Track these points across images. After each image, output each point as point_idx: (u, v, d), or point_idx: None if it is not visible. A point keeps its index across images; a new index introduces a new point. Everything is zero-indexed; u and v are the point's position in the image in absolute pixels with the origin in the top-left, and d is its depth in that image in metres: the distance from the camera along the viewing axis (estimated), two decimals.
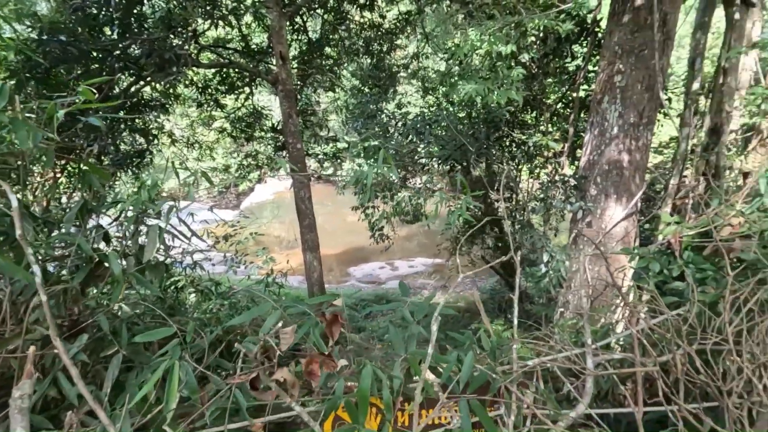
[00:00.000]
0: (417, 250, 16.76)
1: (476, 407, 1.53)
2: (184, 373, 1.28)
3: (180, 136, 9.57)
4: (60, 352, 1.25)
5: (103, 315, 1.77)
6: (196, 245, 4.44)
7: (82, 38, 5.20)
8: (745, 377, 1.32)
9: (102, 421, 1.15)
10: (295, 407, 1.26)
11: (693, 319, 1.50)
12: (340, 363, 1.32)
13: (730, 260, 1.76)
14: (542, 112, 6.85)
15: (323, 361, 1.29)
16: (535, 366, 1.61)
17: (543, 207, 5.61)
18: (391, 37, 10.53)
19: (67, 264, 1.79)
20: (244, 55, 8.81)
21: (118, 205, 1.87)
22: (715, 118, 4.92)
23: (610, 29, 4.67)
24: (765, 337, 1.33)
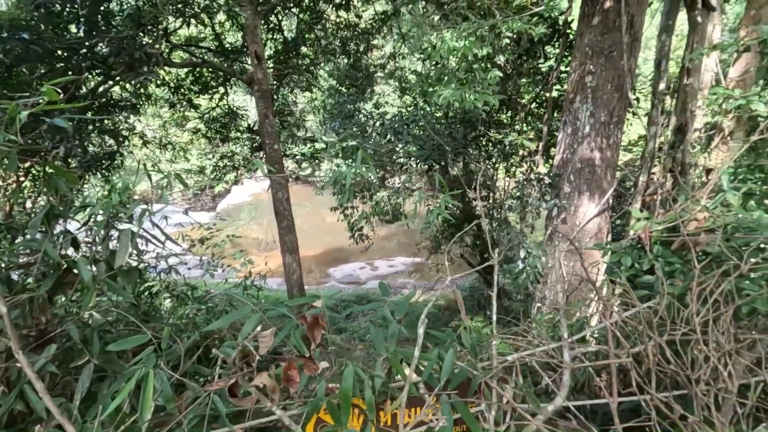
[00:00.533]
0: (397, 249, 16.81)
1: (458, 404, 1.55)
2: (159, 382, 1.24)
3: (152, 137, 9.30)
4: (23, 366, 1.20)
5: (72, 324, 1.71)
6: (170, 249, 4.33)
7: (46, 36, 4.98)
8: (711, 365, 1.38)
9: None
10: (276, 411, 1.24)
11: (663, 311, 1.56)
12: (322, 365, 1.31)
13: (696, 253, 1.83)
14: (517, 111, 6.97)
15: (304, 363, 1.28)
16: (514, 361, 1.63)
17: (519, 205, 5.72)
18: (367, 37, 10.53)
19: (33, 271, 1.71)
20: (217, 54, 8.64)
21: (87, 209, 1.80)
22: (680, 117, 5.12)
23: (580, 31, 4.80)
24: (729, 326, 1.40)
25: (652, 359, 1.44)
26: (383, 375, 1.41)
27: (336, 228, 13.68)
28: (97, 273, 1.82)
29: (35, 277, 1.77)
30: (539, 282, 4.89)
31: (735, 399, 1.43)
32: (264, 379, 1.16)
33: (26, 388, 1.60)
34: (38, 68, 5.61)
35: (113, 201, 1.79)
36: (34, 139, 5.71)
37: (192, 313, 3.76)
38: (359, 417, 1.64)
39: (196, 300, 3.63)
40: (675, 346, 1.52)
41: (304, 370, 1.27)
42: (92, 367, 1.75)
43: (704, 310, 1.41)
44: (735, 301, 1.42)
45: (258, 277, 4.45)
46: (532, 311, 5.50)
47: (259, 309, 1.55)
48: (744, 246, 1.60)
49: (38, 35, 4.88)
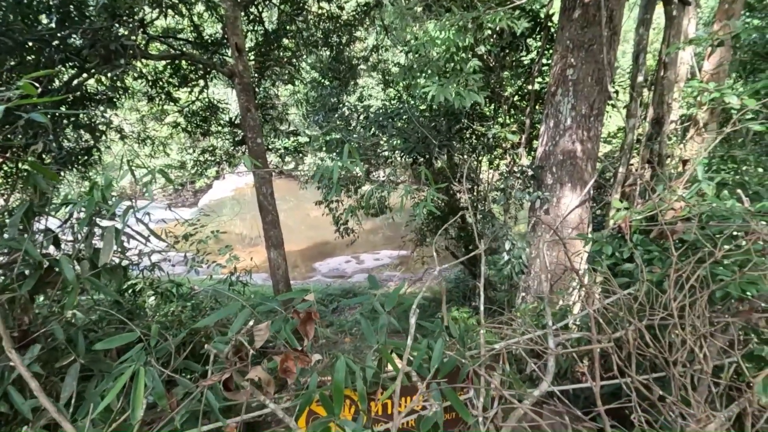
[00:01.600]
0: (382, 242, 16.85)
1: (448, 392, 1.58)
2: (150, 379, 1.23)
3: (130, 131, 9.07)
4: (17, 365, 1.18)
5: (56, 323, 1.68)
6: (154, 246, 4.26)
7: (16, 27, 4.79)
8: (687, 348, 1.44)
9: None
10: (269, 404, 1.25)
11: (642, 297, 1.62)
12: (314, 358, 1.32)
13: (674, 241, 1.90)
14: (500, 104, 7.04)
15: (297, 357, 1.29)
16: (501, 349, 1.68)
17: (503, 197, 5.80)
18: (349, 29, 10.44)
19: (14, 271, 1.67)
20: (196, 46, 8.44)
21: (68, 206, 1.76)
22: (657, 110, 5.26)
23: (561, 24, 4.86)
24: (704, 310, 1.46)
25: (632, 343, 1.49)
26: (374, 366, 1.43)
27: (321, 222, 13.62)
28: (81, 271, 1.79)
29: (16, 277, 1.72)
30: (523, 273, 4.99)
31: (710, 379, 1.51)
32: (258, 373, 1.16)
33: (10, 389, 1.57)
34: (7, 61, 5.39)
35: (96, 198, 1.75)
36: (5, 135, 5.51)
37: (177, 310, 3.72)
38: (350, 408, 1.67)
39: (181, 297, 3.59)
40: (653, 331, 1.58)
41: (297, 363, 1.28)
42: (78, 366, 1.72)
43: (681, 295, 1.47)
44: (710, 287, 1.48)
45: (243, 273, 4.42)
46: (517, 301, 5.61)
47: (248, 305, 1.55)
48: (718, 234, 1.67)
49: (7, 26, 4.69)
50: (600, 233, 2.21)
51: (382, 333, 1.51)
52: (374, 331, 1.51)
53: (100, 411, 1.17)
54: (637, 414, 1.29)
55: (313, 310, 1.33)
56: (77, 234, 1.91)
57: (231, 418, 1.60)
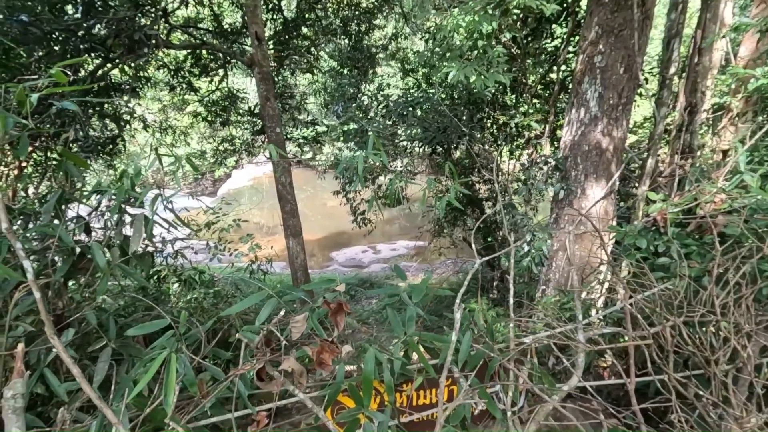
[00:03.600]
0: (398, 233, 16.84)
1: (476, 385, 1.56)
2: (181, 365, 1.25)
3: (152, 120, 9.21)
4: (59, 351, 1.20)
5: (89, 308, 1.71)
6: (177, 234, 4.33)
7: (44, 18, 4.87)
8: (730, 346, 1.38)
9: (108, 417, 1.12)
10: (299, 395, 1.25)
11: (681, 292, 1.55)
12: (345, 349, 1.31)
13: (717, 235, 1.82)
14: (523, 93, 6.87)
15: (326, 347, 1.28)
16: (531, 343, 1.64)
17: (524, 188, 5.68)
18: (368, 16, 10.32)
19: (48, 257, 1.71)
20: (217, 35, 8.48)
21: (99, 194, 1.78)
22: (689, 98, 5.04)
23: (590, 8, 4.68)
24: (750, 308, 1.39)
25: (670, 340, 1.44)
26: (402, 358, 1.42)
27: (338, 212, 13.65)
28: (112, 258, 1.82)
29: (50, 263, 1.76)
30: (543, 265, 4.90)
31: (753, 378, 1.44)
32: (291, 364, 1.16)
33: (46, 372, 1.61)
34: (36, 51, 5.50)
35: (125, 186, 1.77)
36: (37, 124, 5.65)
37: (200, 297, 3.78)
38: (376, 398, 1.66)
39: (204, 284, 3.65)
40: (691, 328, 1.52)
41: (327, 354, 1.28)
42: (110, 351, 1.76)
43: (724, 292, 1.41)
44: (756, 283, 1.41)
45: (264, 261, 4.46)
46: (536, 294, 5.52)
47: (274, 294, 1.55)
48: (765, 228, 1.59)
49: (36, 17, 4.77)
50: (632, 225, 2.13)
51: (410, 325, 1.49)
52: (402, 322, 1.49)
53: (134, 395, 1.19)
54: (677, 414, 1.24)
55: (344, 300, 1.32)
56: (108, 221, 1.94)
57: (257, 406, 1.61)
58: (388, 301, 1.56)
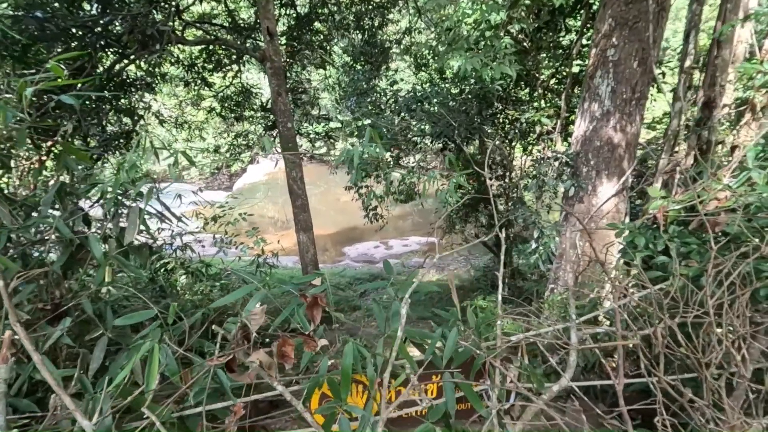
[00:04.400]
0: (411, 228, 16.81)
1: (461, 382, 1.54)
2: (164, 355, 1.27)
3: (168, 116, 9.37)
4: (21, 337, 1.24)
5: (86, 298, 1.75)
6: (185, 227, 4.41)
7: (60, 14, 5.00)
8: (724, 349, 1.33)
9: (67, 405, 1.15)
10: (278, 387, 1.26)
11: (675, 292, 1.51)
12: (321, 342, 1.32)
13: (716, 234, 1.76)
14: (535, 87, 6.75)
15: (304, 340, 1.29)
16: (519, 341, 1.62)
17: (535, 184, 5.59)
18: (382, 11, 10.25)
19: (47, 248, 1.76)
20: (230, 31, 8.56)
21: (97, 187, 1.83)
22: (708, 92, 4.87)
23: (604, 1, 4.56)
24: (745, 309, 1.34)
25: (661, 341, 1.40)
26: (384, 354, 1.41)
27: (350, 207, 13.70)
28: (108, 250, 1.86)
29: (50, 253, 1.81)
30: (552, 262, 4.82)
31: (747, 384, 1.39)
32: (260, 356, 1.17)
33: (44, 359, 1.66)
34: (54, 47, 5.65)
35: (121, 179, 1.80)
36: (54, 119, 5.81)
37: (206, 289, 3.85)
38: (363, 393, 1.66)
39: (210, 277, 3.71)
40: (687, 329, 1.47)
41: (305, 347, 1.28)
42: (106, 340, 1.80)
43: (719, 292, 1.36)
44: (753, 284, 1.35)
45: (270, 255, 4.51)
46: (546, 292, 5.44)
47: (264, 287, 1.56)
48: (767, 227, 1.52)
49: (52, 14, 4.90)
50: (633, 223, 2.08)
51: (394, 320, 1.48)
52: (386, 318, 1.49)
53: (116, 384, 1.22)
54: (661, 417, 1.20)
55: (321, 295, 1.32)
56: (107, 213, 1.98)
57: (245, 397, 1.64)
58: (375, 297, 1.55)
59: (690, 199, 1.82)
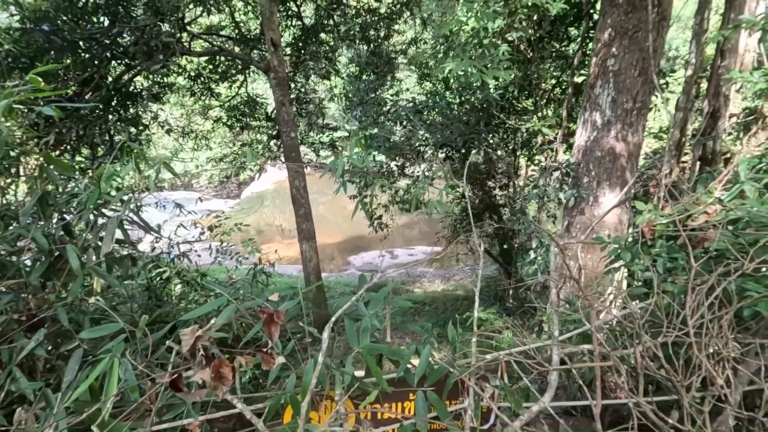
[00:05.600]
0: (417, 237, 16.74)
1: (434, 401, 1.50)
2: (123, 371, 1.25)
3: (175, 126, 9.51)
4: None
5: (61, 308, 1.75)
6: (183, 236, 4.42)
7: (66, 27, 5.11)
8: (704, 372, 1.27)
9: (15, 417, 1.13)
10: (237, 405, 1.23)
11: (658, 310, 1.45)
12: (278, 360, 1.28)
13: (704, 249, 1.69)
14: (539, 97, 6.71)
15: (262, 358, 1.26)
16: (495, 359, 1.57)
17: (536, 194, 5.52)
18: (388, 22, 10.33)
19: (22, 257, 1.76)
20: (237, 42, 8.68)
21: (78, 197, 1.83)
22: (712, 102, 4.79)
23: (603, 10, 4.52)
24: (727, 330, 1.28)
25: (640, 362, 1.34)
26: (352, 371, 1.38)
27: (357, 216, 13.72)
28: (87, 260, 1.86)
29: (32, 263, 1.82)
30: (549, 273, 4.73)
31: (733, 410, 1.32)
32: (204, 375, 1.14)
33: (15, 370, 1.65)
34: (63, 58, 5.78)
35: (101, 189, 1.80)
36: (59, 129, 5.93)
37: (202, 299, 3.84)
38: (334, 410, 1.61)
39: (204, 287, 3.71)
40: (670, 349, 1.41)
41: (263, 365, 1.26)
42: (81, 351, 1.79)
43: (698, 313, 1.30)
44: (734, 303, 1.29)
45: (267, 264, 4.51)
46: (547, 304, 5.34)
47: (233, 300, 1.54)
48: (754, 243, 1.46)
49: (59, 27, 5.01)
50: (618, 237, 2.01)
51: (364, 336, 1.45)
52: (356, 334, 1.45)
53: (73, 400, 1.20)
54: None
55: (278, 311, 1.29)
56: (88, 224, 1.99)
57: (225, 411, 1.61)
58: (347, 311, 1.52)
59: (678, 213, 1.77)
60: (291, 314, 1.64)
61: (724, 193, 1.98)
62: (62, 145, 6.37)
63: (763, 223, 1.50)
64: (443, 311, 9.92)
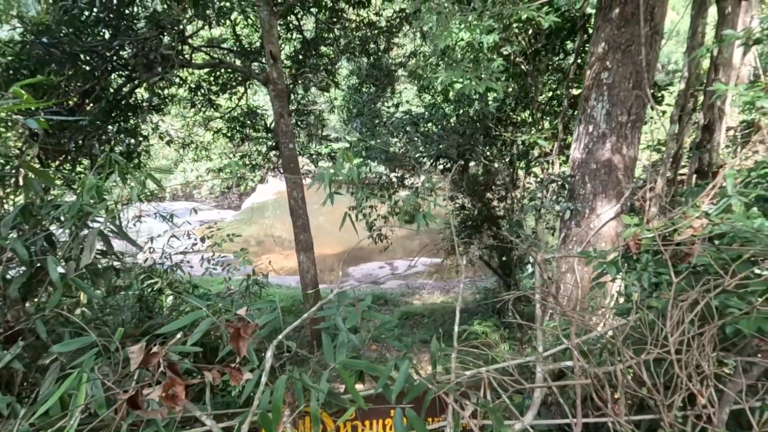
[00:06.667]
0: (417, 249, 16.67)
1: (413, 418, 1.46)
2: (90, 386, 1.23)
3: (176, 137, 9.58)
4: None
5: (39, 321, 1.73)
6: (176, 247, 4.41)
7: (67, 40, 5.19)
8: (686, 390, 1.24)
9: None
10: (206, 421, 1.20)
11: (640, 326, 1.42)
12: (246, 376, 1.26)
13: (689, 264, 1.67)
14: (536, 110, 6.73)
15: (230, 373, 1.24)
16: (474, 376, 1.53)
17: (534, 207, 5.51)
18: (387, 35, 10.44)
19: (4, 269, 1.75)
20: (238, 54, 8.78)
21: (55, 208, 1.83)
22: (707, 115, 4.80)
23: (597, 24, 4.56)
24: (708, 348, 1.25)
25: (621, 380, 1.31)
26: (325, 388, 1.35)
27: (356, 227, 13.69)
28: (67, 272, 1.84)
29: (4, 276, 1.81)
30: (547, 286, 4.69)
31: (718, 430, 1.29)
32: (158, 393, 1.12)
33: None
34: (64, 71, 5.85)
35: (82, 200, 1.80)
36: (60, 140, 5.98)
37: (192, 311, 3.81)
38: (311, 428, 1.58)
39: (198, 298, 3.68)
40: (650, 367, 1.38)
41: (231, 380, 1.23)
42: (59, 365, 1.76)
43: (678, 330, 1.27)
44: (715, 320, 1.26)
45: (261, 275, 4.49)
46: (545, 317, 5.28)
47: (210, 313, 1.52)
48: (737, 258, 1.43)
49: (60, 39, 5.08)
50: (602, 251, 1.99)
51: (340, 351, 1.42)
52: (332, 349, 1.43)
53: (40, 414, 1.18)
54: None
55: (247, 325, 1.27)
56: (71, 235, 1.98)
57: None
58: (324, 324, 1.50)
59: (663, 227, 1.75)
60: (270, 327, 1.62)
61: (713, 206, 1.97)
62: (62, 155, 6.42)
63: (747, 238, 1.48)
64: (442, 323, 9.83)
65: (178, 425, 1.25)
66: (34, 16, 5.70)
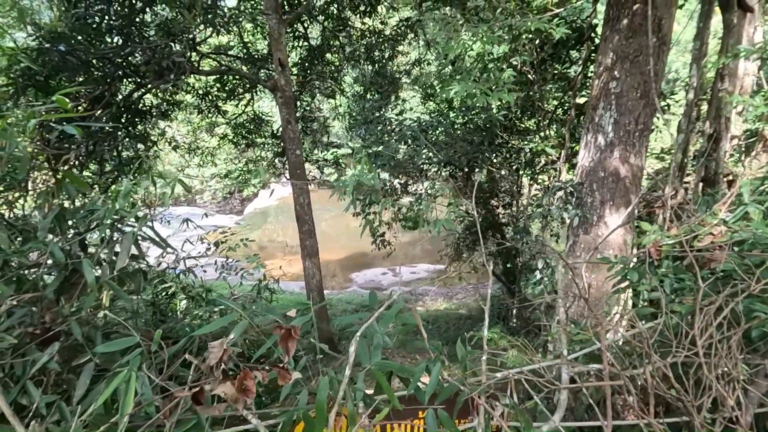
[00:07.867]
0: (420, 255, 16.70)
1: (444, 419, 1.50)
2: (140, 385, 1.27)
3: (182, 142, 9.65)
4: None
5: (75, 322, 1.77)
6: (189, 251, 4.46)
7: (81, 47, 5.26)
8: (715, 392, 1.28)
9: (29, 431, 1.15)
10: (252, 420, 1.24)
11: (667, 331, 1.46)
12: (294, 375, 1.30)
13: (711, 270, 1.72)
14: (542, 118, 6.81)
15: (278, 373, 1.28)
16: (505, 377, 1.57)
17: (540, 214, 5.56)
18: (392, 43, 10.56)
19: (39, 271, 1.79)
20: (245, 61, 8.88)
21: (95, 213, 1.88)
22: (713, 124, 4.86)
23: (605, 35, 4.64)
24: (736, 351, 1.29)
25: (650, 382, 1.35)
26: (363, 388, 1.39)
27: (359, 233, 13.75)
28: (102, 275, 1.89)
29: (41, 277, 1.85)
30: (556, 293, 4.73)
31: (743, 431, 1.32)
32: (226, 388, 1.16)
33: (28, 384, 1.66)
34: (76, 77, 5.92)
35: (118, 205, 1.85)
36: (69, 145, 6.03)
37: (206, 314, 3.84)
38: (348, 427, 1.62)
39: (209, 302, 3.72)
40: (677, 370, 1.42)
41: (278, 380, 1.27)
42: (93, 366, 1.80)
43: (707, 334, 1.31)
44: (742, 324, 1.31)
45: (272, 281, 4.52)
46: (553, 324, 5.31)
47: (248, 315, 1.56)
48: (760, 264, 1.48)
49: (73, 46, 5.16)
50: (625, 257, 2.04)
51: (375, 353, 1.46)
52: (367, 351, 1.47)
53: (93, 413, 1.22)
54: None
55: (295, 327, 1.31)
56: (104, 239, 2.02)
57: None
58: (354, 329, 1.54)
59: (684, 234, 1.80)
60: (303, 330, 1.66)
61: (729, 214, 2.01)
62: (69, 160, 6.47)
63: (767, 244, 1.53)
64: (446, 330, 9.84)
65: (216, 425, 1.28)
66: (48, 23, 5.78)
